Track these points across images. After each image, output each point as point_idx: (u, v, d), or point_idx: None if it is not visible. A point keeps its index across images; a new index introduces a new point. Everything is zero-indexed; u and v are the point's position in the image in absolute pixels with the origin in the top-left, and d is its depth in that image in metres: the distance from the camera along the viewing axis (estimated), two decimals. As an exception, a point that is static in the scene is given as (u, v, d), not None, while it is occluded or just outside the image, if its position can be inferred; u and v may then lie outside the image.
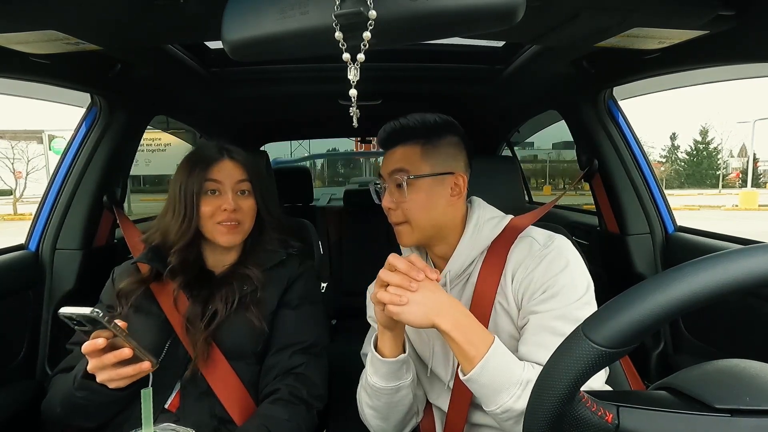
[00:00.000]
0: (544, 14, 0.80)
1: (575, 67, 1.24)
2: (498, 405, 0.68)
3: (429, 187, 0.81)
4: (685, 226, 1.44)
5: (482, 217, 0.85)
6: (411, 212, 0.81)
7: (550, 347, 0.70)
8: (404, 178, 0.80)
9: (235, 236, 0.94)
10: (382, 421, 0.86)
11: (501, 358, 0.69)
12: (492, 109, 2.00)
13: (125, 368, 0.75)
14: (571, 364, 0.37)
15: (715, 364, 0.44)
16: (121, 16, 0.80)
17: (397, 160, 0.82)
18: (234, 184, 0.94)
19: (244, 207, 0.94)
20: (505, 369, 0.68)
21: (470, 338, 0.69)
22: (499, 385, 0.68)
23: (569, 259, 0.77)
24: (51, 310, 1.28)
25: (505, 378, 0.68)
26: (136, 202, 9.58)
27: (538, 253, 0.79)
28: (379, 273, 0.72)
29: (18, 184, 16.39)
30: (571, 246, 0.81)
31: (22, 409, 1.14)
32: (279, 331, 0.95)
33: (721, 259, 0.34)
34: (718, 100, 54.66)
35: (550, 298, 0.74)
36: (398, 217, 0.82)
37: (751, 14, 0.77)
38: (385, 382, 0.79)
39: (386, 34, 0.53)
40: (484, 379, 0.68)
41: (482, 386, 0.69)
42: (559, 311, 0.73)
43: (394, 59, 1.43)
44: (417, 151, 0.82)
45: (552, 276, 0.75)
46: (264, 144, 2.76)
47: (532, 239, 0.82)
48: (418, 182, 0.81)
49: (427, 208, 0.81)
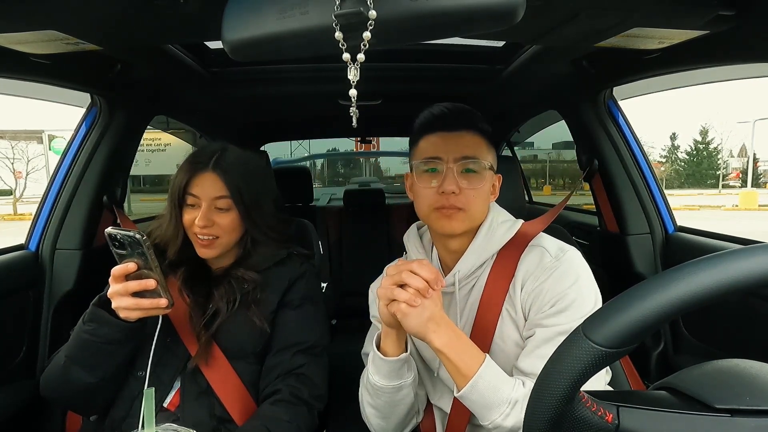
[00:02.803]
0: (544, 14, 0.80)
1: (575, 67, 1.24)
2: (489, 421, 0.71)
3: (489, 180, 0.83)
4: (685, 226, 1.44)
5: (496, 220, 0.85)
6: (473, 200, 0.80)
7: None
8: (480, 164, 0.80)
9: (210, 250, 0.93)
10: (383, 420, 0.86)
11: (492, 377, 0.71)
12: (492, 109, 2.00)
13: (143, 300, 0.79)
14: (571, 364, 0.37)
15: (715, 364, 0.44)
16: (121, 16, 0.80)
17: (467, 146, 0.81)
18: (211, 200, 0.91)
19: (222, 223, 0.91)
20: (496, 387, 0.71)
21: (462, 357, 0.71)
22: (489, 403, 0.70)
23: (579, 274, 0.78)
24: (51, 310, 1.28)
25: (495, 396, 0.70)
26: (136, 202, 9.59)
27: (549, 265, 0.79)
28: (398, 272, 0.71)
29: (18, 184, 16.39)
30: (582, 259, 0.81)
31: (22, 409, 1.14)
32: (280, 331, 0.95)
33: (721, 259, 0.34)
34: (718, 100, 54.74)
35: (559, 313, 0.75)
36: (459, 202, 0.79)
37: (751, 14, 0.77)
38: (386, 381, 0.80)
39: (386, 34, 0.53)
40: (474, 396, 0.71)
41: (473, 402, 0.72)
42: (567, 326, 0.73)
43: (394, 59, 1.43)
44: (483, 141, 0.83)
45: (562, 290, 0.76)
46: (264, 144, 2.76)
47: (543, 250, 0.82)
48: (486, 173, 0.81)
49: (485, 199, 0.83)
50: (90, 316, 0.83)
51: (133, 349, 0.88)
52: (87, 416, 0.97)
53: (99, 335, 0.82)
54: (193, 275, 0.96)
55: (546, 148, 11.38)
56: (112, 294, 0.80)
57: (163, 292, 0.79)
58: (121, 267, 0.79)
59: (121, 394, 0.90)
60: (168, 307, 0.80)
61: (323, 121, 2.49)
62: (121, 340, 0.83)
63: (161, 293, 0.79)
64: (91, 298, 0.86)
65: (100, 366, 0.85)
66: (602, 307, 0.38)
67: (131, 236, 0.76)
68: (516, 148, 2.69)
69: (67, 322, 1.29)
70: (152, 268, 0.78)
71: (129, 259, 0.79)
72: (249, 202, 0.93)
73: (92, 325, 0.82)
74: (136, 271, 0.79)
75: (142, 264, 0.78)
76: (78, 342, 0.84)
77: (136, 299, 0.79)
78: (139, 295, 0.80)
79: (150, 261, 0.77)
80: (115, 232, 0.77)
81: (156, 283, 0.78)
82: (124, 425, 0.87)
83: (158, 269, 0.79)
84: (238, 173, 0.93)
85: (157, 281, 0.78)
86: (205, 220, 0.89)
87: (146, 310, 0.80)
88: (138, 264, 0.79)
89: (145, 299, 0.79)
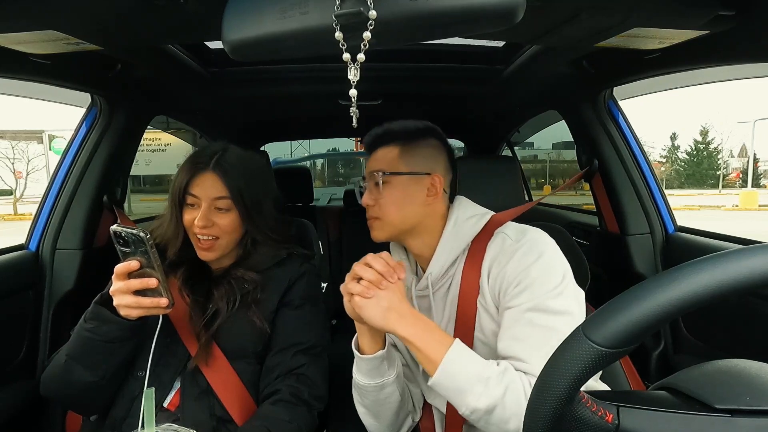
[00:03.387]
0: (544, 14, 0.80)
1: (575, 67, 1.24)
2: (465, 406, 0.68)
3: (404, 186, 0.84)
4: (686, 226, 1.44)
5: (461, 217, 0.86)
6: (384, 208, 0.85)
7: (526, 340, 0.71)
8: (380, 175, 0.84)
9: (210, 253, 0.93)
10: (374, 419, 0.86)
11: (462, 360, 0.69)
12: (492, 109, 2.00)
13: (144, 298, 0.79)
14: (571, 364, 0.37)
15: (715, 364, 0.44)
16: (121, 16, 0.80)
17: (376, 161, 0.87)
18: (211, 200, 0.90)
19: (222, 223, 0.91)
20: (466, 370, 0.69)
21: (429, 343, 0.70)
22: (461, 386, 0.68)
23: (542, 251, 0.77)
24: (51, 310, 1.28)
25: (466, 379, 0.68)
26: (136, 202, 9.59)
27: (510, 248, 0.79)
28: (353, 266, 0.74)
29: (18, 184, 16.40)
30: (546, 237, 0.81)
31: (22, 409, 1.14)
32: (280, 332, 0.95)
33: (721, 259, 0.34)
34: (718, 100, 54.74)
35: (523, 291, 0.74)
36: (374, 212, 0.86)
37: (751, 14, 0.77)
38: (368, 380, 0.80)
39: (386, 34, 0.53)
40: (446, 381, 0.69)
41: (447, 389, 0.70)
42: (532, 303, 0.73)
43: (394, 59, 1.43)
44: (395, 152, 0.86)
45: (524, 269, 0.75)
46: (264, 144, 2.76)
47: (504, 235, 0.82)
48: (393, 180, 0.85)
49: (400, 205, 0.84)
50: (91, 314, 0.83)
51: (133, 348, 0.88)
52: (87, 416, 0.97)
53: (100, 333, 0.82)
54: (194, 275, 0.96)
55: (546, 148, 11.38)
56: (113, 291, 0.80)
57: (164, 292, 0.80)
58: (124, 264, 0.79)
59: (121, 393, 0.90)
60: (168, 307, 0.80)
61: (323, 121, 2.49)
62: (122, 338, 0.83)
63: (162, 292, 0.80)
64: (91, 298, 0.86)
65: (101, 365, 0.85)
66: (602, 307, 0.38)
67: (135, 234, 0.76)
68: (516, 148, 2.69)
69: (67, 322, 1.30)
70: (155, 267, 0.78)
71: (132, 257, 0.79)
72: (249, 202, 0.93)
73: (94, 323, 0.82)
74: (138, 269, 0.79)
75: (145, 262, 0.79)
76: (79, 340, 0.84)
77: (137, 297, 0.79)
78: (140, 293, 0.80)
79: (153, 260, 0.78)
80: (120, 230, 0.78)
81: (158, 282, 0.79)
82: (124, 425, 0.87)
83: (161, 268, 0.79)
84: (239, 174, 0.92)
85: (159, 280, 0.79)
86: (205, 220, 0.89)
87: (147, 309, 0.80)
88: (141, 262, 0.79)
89: (146, 298, 0.80)
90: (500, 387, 0.66)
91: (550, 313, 0.71)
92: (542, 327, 0.71)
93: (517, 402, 0.65)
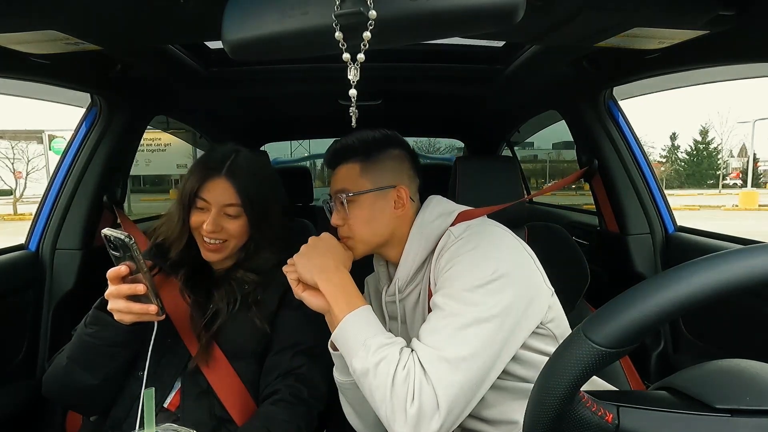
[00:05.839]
0: (544, 14, 0.80)
1: (575, 67, 1.24)
2: (351, 367, 0.69)
3: (370, 203, 0.84)
4: (685, 226, 1.44)
5: (427, 218, 0.85)
6: (354, 228, 0.84)
7: (429, 321, 0.71)
8: (344, 196, 0.83)
9: (217, 255, 0.93)
10: (358, 419, 0.86)
11: (360, 323, 0.70)
12: (492, 109, 1.99)
13: (135, 304, 0.78)
14: (571, 364, 0.37)
15: (715, 364, 0.44)
16: (121, 16, 0.80)
17: (339, 180, 0.86)
18: (221, 207, 0.91)
19: (230, 228, 0.92)
20: (358, 333, 0.69)
21: (338, 301, 0.73)
22: (351, 346, 0.69)
23: (478, 244, 0.75)
24: (51, 310, 1.28)
25: (355, 340, 0.69)
26: (136, 202, 9.58)
27: (450, 243, 0.78)
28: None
29: (18, 184, 16.39)
30: (492, 232, 0.78)
31: (22, 408, 1.14)
32: (280, 332, 0.95)
33: (721, 259, 0.34)
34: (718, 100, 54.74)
35: (446, 281, 0.73)
36: (344, 232, 0.86)
37: (751, 14, 0.77)
38: (344, 377, 0.81)
39: (386, 34, 0.53)
40: (341, 340, 0.71)
41: (342, 348, 0.71)
42: (448, 290, 0.71)
43: (394, 59, 1.43)
44: (356, 168, 0.85)
45: (453, 258, 0.75)
46: (264, 144, 2.76)
47: (449, 232, 0.81)
48: (358, 199, 0.84)
49: (368, 222, 0.84)
50: (92, 318, 0.83)
51: (135, 351, 0.88)
52: (88, 416, 0.97)
53: (101, 338, 0.82)
54: (195, 276, 0.96)
55: (546, 148, 11.37)
56: (108, 295, 0.79)
57: (152, 298, 0.78)
58: (113, 270, 0.77)
59: (121, 394, 0.90)
60: (158, 315, 0.79)
61: (323, 121, 2.49)
62: (123, 342, 0.83)
63: (151, 299, 0.78)
64: (91, 297, 0.86)
65: (102, 368, 0.85)
66: (602, 307, 0.38)
67: (121, 239, 0.73)
68: (516, 148, 2.69)
69: (67, 322, 1.29)
70: (142, 272, 0.76)
71: (122, 262, 0.77)
72: (258, 210, 0.94)
73: (94, 328, 0.82)
74: (129, 274, 0.78)
75: (135, 268, 0.76)
76: (80, 344, 0.84)
77: (128, 303, 0.78)
78: (133, 298, 0.78)
79: (138, 266, 0.75)
80: (110, 234, 0.75)
81: (145, 288, 0.76)
82: (124, 425, 0.87)
83: (147, 274, 0.76)
84: (250, 181, 0.93)
85: (147, 287, 0.76)
86: (214, 225, 0.89)
87: (138, 315, 0.79)
88: (131, 267, 0.77)
89: (136, 304, 0.78)
90: (376, 355, 0.66)
91: (461, 303, 0.69)
92: (446, 313, 0.69)
93: (386, 373, 0.64)
